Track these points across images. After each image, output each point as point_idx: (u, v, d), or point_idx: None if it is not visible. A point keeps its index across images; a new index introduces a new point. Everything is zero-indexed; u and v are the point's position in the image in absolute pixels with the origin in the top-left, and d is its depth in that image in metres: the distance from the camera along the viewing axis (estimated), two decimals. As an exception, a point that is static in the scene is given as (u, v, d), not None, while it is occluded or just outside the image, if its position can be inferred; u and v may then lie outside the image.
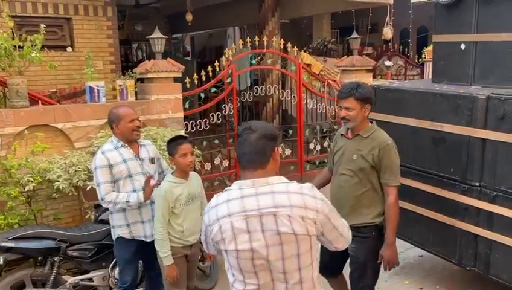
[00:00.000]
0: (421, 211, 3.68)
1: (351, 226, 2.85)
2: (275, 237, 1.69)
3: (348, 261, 3.01)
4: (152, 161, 3.23)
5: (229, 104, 6.10)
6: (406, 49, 10.38)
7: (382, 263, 2.84)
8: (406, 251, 4.57)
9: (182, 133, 4.97)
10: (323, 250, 2.93)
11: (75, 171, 3.78)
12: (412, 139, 3.69)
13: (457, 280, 4.07)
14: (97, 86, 4.56)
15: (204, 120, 5.89)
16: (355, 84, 2.81)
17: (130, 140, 3.12)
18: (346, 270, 3.05)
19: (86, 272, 3.57)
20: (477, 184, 3.26)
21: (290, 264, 1.72)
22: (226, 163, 6.14)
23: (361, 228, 2.81)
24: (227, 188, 1.81)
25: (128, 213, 3.13)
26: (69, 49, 6.59)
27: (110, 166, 3.03)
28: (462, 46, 3.64)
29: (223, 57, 6.12)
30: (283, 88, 7.77)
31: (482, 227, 3.26)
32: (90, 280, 3.56)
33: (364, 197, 2.83)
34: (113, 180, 3.04)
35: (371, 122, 2.90)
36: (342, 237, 1.86)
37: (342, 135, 2.98)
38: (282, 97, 7.42)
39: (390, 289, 3.95)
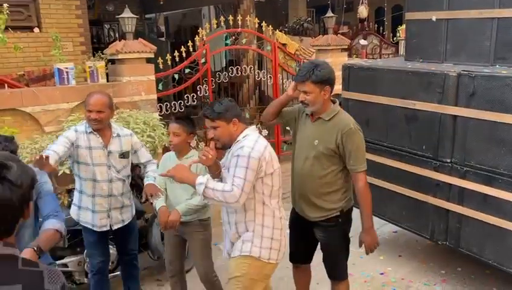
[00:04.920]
0: (395, 188, 3.74)
1: (318, 219, 2.81)
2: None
3: (319, 247, 2.96)
4: (123, 155, 3.03)
5: (204, 86, 6.02)
6: (381, 28, 10.41)
7: (364, 248, 2.78)
8: (381, 227, 4.64)
9: (156, 115, 4.90)
10: (291, 238, 2.94)
11: (46, 156, 3.68)
12: (385, 117, 3.71)
13: (430, 254, 4.18)
14: (66, 68, 4.43)
15: (179, 102, 5.81)
16: (312, 65, 2.60)
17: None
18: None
19: (61, 257, 3.51)
20: (449, 160, 3.32)
21: None
22: (202, 145, 6.09)
23: (327, 219, 2.75)
24: (245, 134, 2.38)
25: (83, 196, 3.05)
26: (36, 29, 6.35)
27: (77, 146, 2.92)
28: (434, 18, 3.63)
29: (197, 37, 6.01)
30: (260, 68, 7.71)
31: (453, 202, 3.34)
32: (65, 265, 3.51)
33: (326, 184, 2.69)
34: (64, 155, 2.87)
35: (334, 103, 2.70)
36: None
37: (307, 115, 2.78)
38: (258, 78, 7.37)
39: (365, 264, 4.02)
